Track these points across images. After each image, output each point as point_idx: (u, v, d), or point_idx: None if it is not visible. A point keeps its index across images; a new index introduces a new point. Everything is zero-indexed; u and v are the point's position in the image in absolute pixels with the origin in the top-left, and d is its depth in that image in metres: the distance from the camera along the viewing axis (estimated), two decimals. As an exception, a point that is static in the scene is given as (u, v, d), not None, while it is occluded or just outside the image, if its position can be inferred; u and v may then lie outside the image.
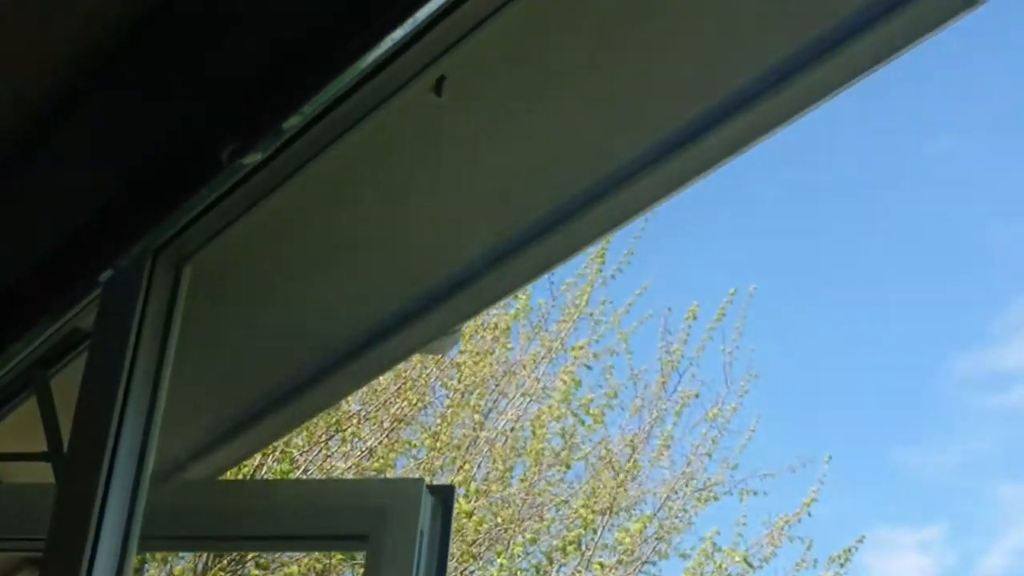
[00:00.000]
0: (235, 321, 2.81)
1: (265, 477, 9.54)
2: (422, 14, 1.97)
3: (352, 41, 1.94)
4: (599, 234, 2.55)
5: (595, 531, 11.16)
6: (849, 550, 11.72)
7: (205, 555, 9.25)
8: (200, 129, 2.13)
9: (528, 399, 11.46)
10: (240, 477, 8.45)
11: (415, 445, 10.90)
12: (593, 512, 11.18)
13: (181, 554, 8.89)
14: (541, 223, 2.48)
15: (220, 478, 3.37)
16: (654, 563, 11.43)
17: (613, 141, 2.37)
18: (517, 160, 2.45)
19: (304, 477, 9.81)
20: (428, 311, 2.69)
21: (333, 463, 10.23)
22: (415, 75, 2.14)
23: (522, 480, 11.22)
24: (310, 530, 2.76)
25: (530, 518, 11.19)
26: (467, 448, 11.07)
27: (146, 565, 9.05)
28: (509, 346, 11.45)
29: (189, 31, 2.18)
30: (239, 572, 9.82)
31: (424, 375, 10.47)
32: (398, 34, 1.99)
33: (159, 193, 2.21)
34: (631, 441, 11.73)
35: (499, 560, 10.72)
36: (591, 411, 11.55)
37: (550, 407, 11.36)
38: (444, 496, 2.69)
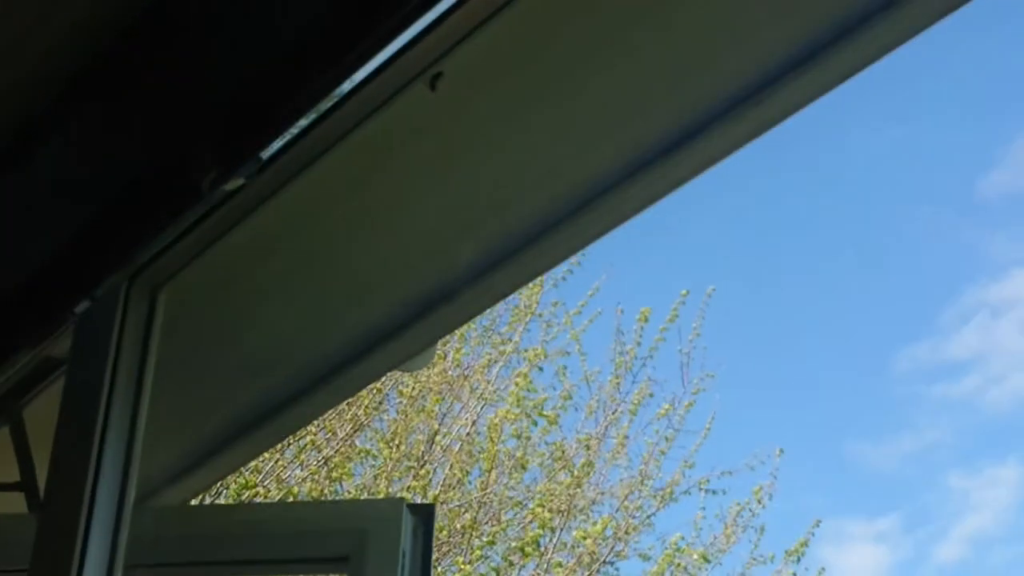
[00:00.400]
0: (211, 344, 2.79)
1: (225, 494, 9.49)
2: (399, 41, 1.96)
3: (331, 69, 1.92)
4: (577, 247, 2.54)
5: (553, 531, 11.17)
6: (805, 542, 11.80)
7: None
8: (178, 155, 2.10)
9: (482, 402, 11.45)
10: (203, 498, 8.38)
11: (373, 454, 10.87)
12: (551, 513, 11.18)
13: None
14: (518, 237, 2.48)
15: (196, 501, 3.33)
16: (613, 563, 11.46)
17: (589, 155, 2.37)
18: (492, 176, 2.45)
19: (263, 489, 9.76)
20: (405, 329, 2.68)
21: (291, 472, 10.19)
22: (388, 99, 2.14)
23: (479, 484, 11.22)
24: (292, 553, 2.73)
25: (488, 521, 11.19)
26: (423, 454, 11.06)
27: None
28: (462, 350, 11.44)
29: (165, 56, 2.16)
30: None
31: (378, 383, 10.43)
32: (375, 63, 1.99)
33: (137, 221, 2.19)
34: (586, 442, 11.74)
35: (459, 564, 10.71)
36: (544, 413, 11.57)
37: (504, 410, 11.36)
38: (424, 515, 2.68)
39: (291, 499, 9.67)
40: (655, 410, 11.89)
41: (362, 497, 10.21)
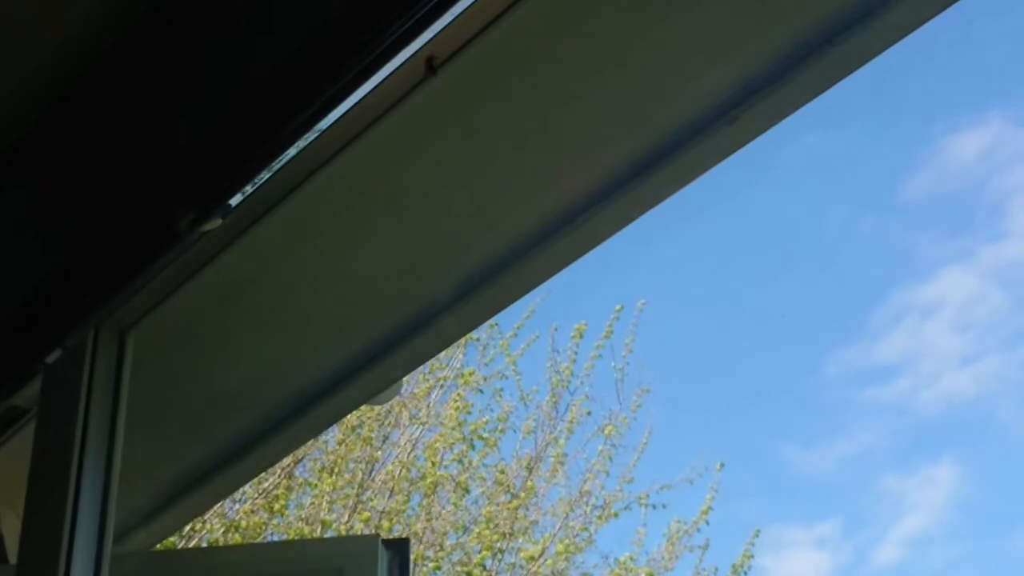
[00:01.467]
0: (179, 384, 2.76)
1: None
2: (368, 85, 1.97)
3: (309, 107, 1.92)
4: (546, 276, 2.54)
5: (499, 552, 11.15)
6: (749, 555, 11.85)
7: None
8: (153, 198, 2.08)
9: (421, 427, 11.42)
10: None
11: (313, 484, 10.80)
12: (495, 535, 11.17)
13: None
14: (486, 270, 2.47)
15: (166, 545, 3.29)
16: (558, 583, 11.45)
17: (559, 183, 2.37)
18: (460, 210, 2.44)
19: (209, 526, 9.67)
20: (373, 364, 2.67)
21: (232, 507, 10.11)
22: (354, 138, 2.15)
23: (421, 508, 11.19)
24: (272, 594, 2.72)
25: (432, 546, 11.15)
26: (362, 481, 11.00)
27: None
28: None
29: (138, 97, 2.14)
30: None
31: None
32: (347, 103, 2.00)
33: (113, 266, 2.16)
34: (527, 463, 11.74)
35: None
36: (483, 435, 11.55)
37: (442, 434, 11.33)
38: (399, 549, 2.68)
39: (236, 535, 9.60)
40: (593, 428, 11.91)
41: (307, 530, 10.13)
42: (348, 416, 10.87)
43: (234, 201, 2.07)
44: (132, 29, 2.06)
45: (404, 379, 3.46)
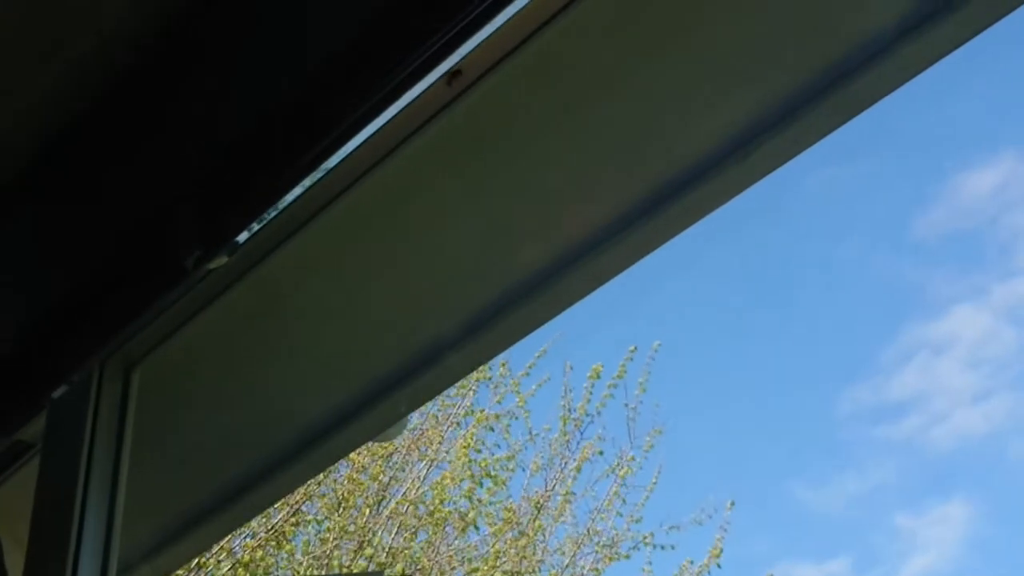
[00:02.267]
0: (185, 420, 2.75)
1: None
2: (378, 122, 1.97)
3: (321, 140, 1.91)
4: (554, 313, 2.52)
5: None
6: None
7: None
8: (160, 234, 2.08)
9: (429, 464, 11.41)
10: None
11: (318, 521, 10.78)
12: (502, 573, 11.13)
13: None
14: (493, 308, 2.46)
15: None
16: (566, 621, 11.41)
17: (568, 219, 2.36)
18: (476, 242, 2.43)
19: (214, 560, 9.65)
20: (380, 401, 2.65)
21: (242, 542, 10.09)
22: (363, 174, 2.14)
23: (427, 544, 11.16)
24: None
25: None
26: (369, 517, 10.98)
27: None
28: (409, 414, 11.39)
29: (144, 129, 2.14)
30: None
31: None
32: (351, 144, 2.00)
33: (119, 301, 2.15)
34: (535, 501, 11.71)
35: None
36: (491, 474, 11.52)
37: (451, 472, 11.31)
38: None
39: (242, 571, 9.57)
40: (604, 467, 11.87)
41: (311, 566, 10.09)
42: (357, 453, 10.87)
43: (241, 238, 2.06)
44: (139, 63, 2.05)
45: (412, 416, 3.45)
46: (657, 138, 2.22)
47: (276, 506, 10.29)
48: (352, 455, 10.86)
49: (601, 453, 11.86)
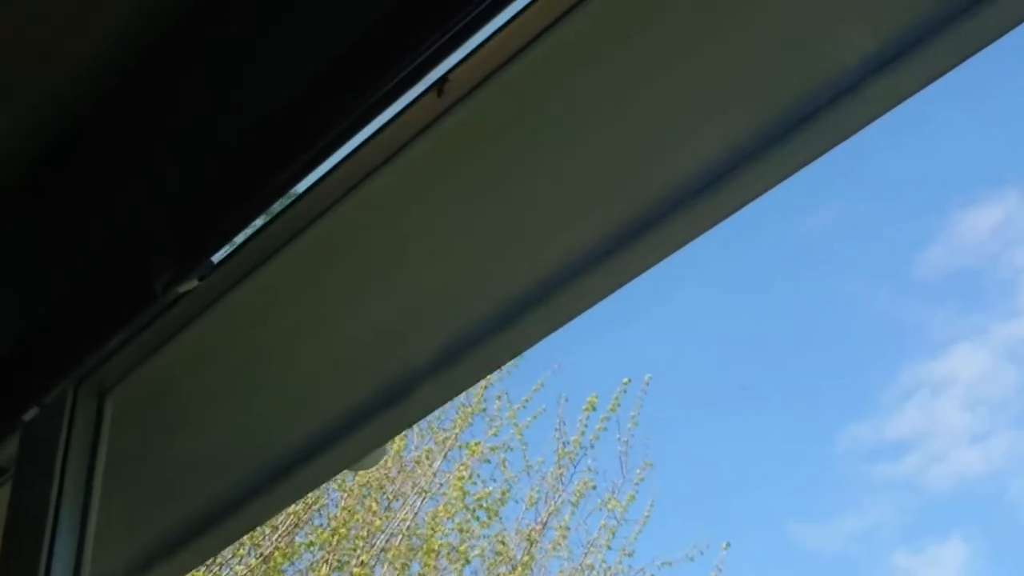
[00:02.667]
0: (160, 445, 2.74)
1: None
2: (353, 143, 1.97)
3: (291, 165, 1.91)
4: (529, 344, 2.51)
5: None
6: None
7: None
8: (130, 257, 2.07)
9: (423, 496, 11.38)
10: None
11: (312, 550, 10.74)
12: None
13: None
14: (474, 333, 2.45)
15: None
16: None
17: (553, 242, 2.35)
18: (444, 273, 2.43)
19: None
20: (356, 428, 2.64)
21: (228, 570, 10.05)
22: (338, 200, 2.15)
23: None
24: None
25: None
26: (362, 548, 10.95)
27: None
28: (403, 445, 11.38)
29: (112, 155, 2.13)
30: None
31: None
32: (325, 167, 2.00)
33: (88, 325, 2.15)
34: (528, 534, 11.67)
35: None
36: (485, 506, 11.49)
37: (445, 504, 11.29)
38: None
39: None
40: (596, 501, 11.84)
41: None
42: (350, 484, 10.84)
43: (213, 263, 2.06)
44: (111, 91, 2.05)
45: (390, 445, 3.43)
46: (636, 166, 2.22)
47: (268, 534, 10.27)
48: (346, 485, 10.85)
49: (594, 487, 11.84)
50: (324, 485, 10.66)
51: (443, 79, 2.02)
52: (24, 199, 2.25)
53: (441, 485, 11.36)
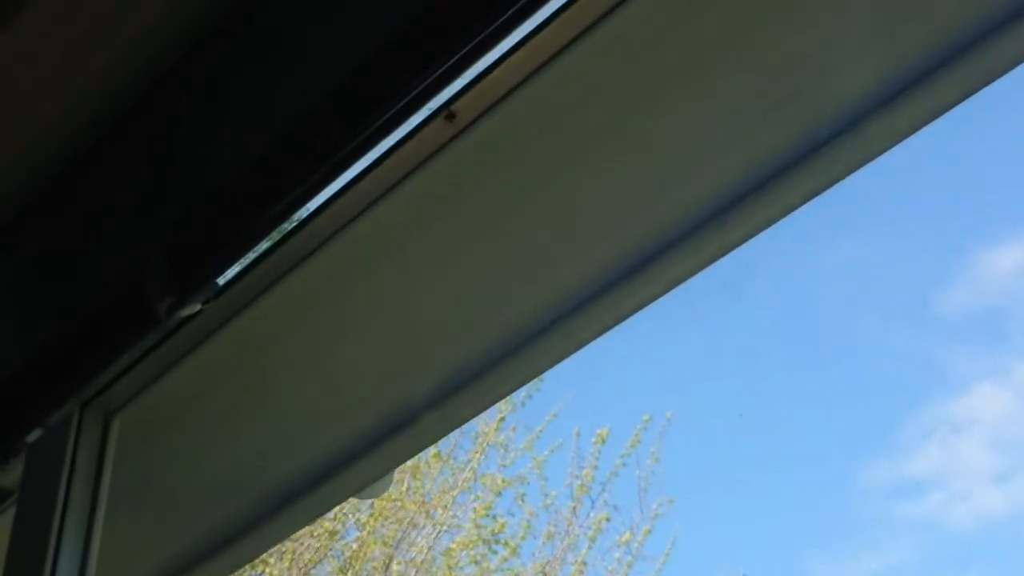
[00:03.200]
0: (166, 471, 2.75)
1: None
2: (358, 167, 1.98)
3: (290, 193, 1.93)
4: (536, 372, 2.51)
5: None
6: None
7: None
8: (133, 280, 2.09)
9: (439, 529, 11.35)
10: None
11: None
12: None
13: None
14: (481, 361, 2.46)
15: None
16: None
17: (547, 278, 2.36)
18: (455, 299, 2.44)
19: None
20: (362, 455, 2.64)
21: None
22: (344, 225, 2.16)
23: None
24: None
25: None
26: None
27: None
28: (419, 477, 11.36)
29: (117, 178, 2.15)
30: None
31: (337, 513, 10.33)
32: (335, 186, 2.01)
33: (92, 348, 2.17)
34: (543, 568, 11.63)
35: None
36: (502, 540, 11.47)
37: (462, 538, 11.26)
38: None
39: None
40: (614, 536, 11.81)
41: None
42: (367, 517, 10.83)
43: (216, 288, 2.07)
44: (113, 118, 2.07)
45: (395, 473, 3.43)
46: (634, 204, 2.22)
47: (285, 567, 10.27)
48: (362, 518, 10.84)
49: (608, 519, 11.80)
50: (342, 519, 10.66)
51: (451, 107, 2.04)
52: (28, 224, 2.28)
53: (456, 517, 11.34)
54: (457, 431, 11.35)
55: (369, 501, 10.45)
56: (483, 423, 11.54)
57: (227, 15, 2.10)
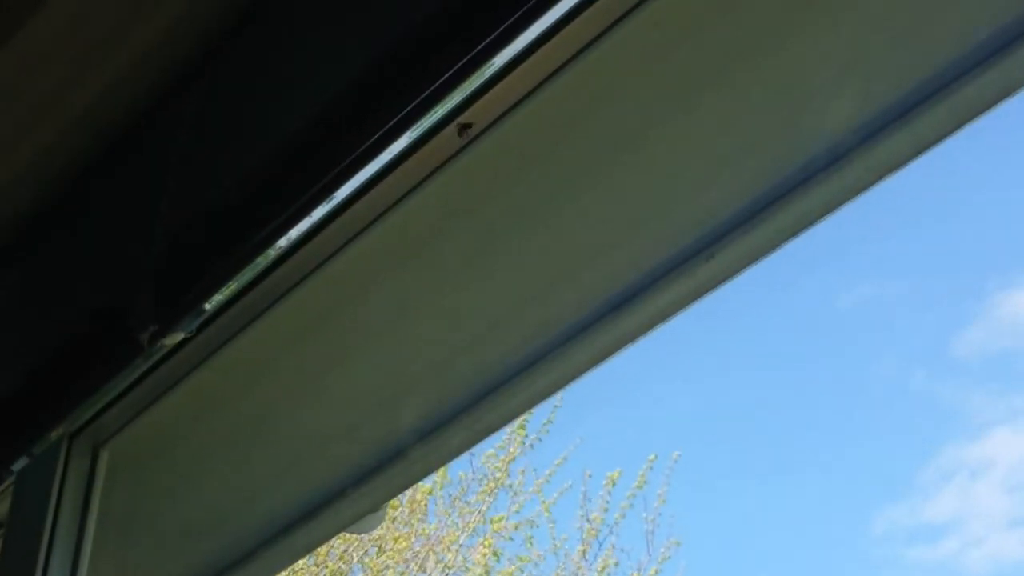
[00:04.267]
0: (155, 503, 2.73)
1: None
2: (342, 194, 1.98)
3: (273, 221, 1.92)
4: (528, 405, 2.50)
5: None
6: None
7: None
8: (117, 309, 2.09)
9: (448, 572, 11.30)
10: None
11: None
12: None
13: None
14: (473, 394, 2.44)
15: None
16: None
17: (537, 309, 2.35)
18: (448, 331, 2.43)
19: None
20: (353, 489, 2.63)
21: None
22: (332, 254, 2.15)
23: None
24: None
25: None
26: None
27: None
28: (428, 519, 11.33)
29: (104, 206, 2.15)
30: None
31: (344, 554, 10.30)
32: (318, 213, 2.00)
33: (76, 377, 2.16)
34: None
35: None
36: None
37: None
38: None
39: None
40: (623, 577, 11.75)
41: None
42: (374, 558, 10.79)
43: (202, 316, 2.07)
44: (101, 145, 2.07)
45: (387, 508, 3.40)
46: (620, 238, 2.22)
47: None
48: (369, 559, 10.80)
49: (616, 564, 11.75)
50: (350, 561, 10.61)
51: (464, 122, 2.03)
52: (14, 252, 2.27)
53: (464, 560, 11.29)
54: (469, 473, 11.34)
55: (374, 538, 10.42)
56: (493, 465, 11.51)
57: (215, 45, 2.10)
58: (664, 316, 2.23)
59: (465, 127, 2.01)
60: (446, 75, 1.82)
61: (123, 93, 2.05)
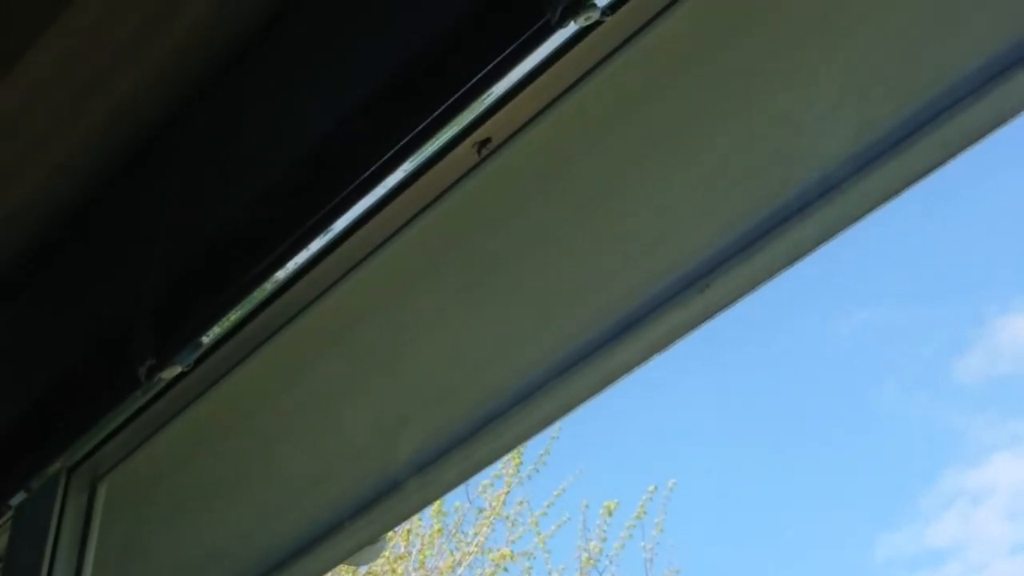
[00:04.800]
0: (153, 537, 2.73)
1: None
2: (339, 225, 1.98)
3: (270, 254, 1.93)
4: (526, 436, 2.50)
5: None
6: None
7: None
8: (114, 343, 2.09)
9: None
10: None
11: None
12: None
13: None
14: (470, 426, 2.44)
15: None
16: None
17: (541, 340, 2.35)
18: (446, 362, 2.43)
19: None
20: (354, 519, 2.63)
21: None
22: (337, 281, 2.15)
23: None
24: None
25: None
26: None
27: None
28: (425, 551, 11.29)
29: (101, 242, 2.16)
30: None
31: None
32: (315, 245, 2.00)
33: (73, 411, 2.16)
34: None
35: None
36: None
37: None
38: None
39: None
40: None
41: None
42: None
43: (200, 350, 2.07)
44: (99, 182, 2.08)
45: (386, 540, 3.39)
46: (614, 270, 2.22)
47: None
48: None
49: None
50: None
51: (482, 140, 2.03)
52: (14, 288, 2.28)
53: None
54: (465, 504, 11.30)
55: (371, 573, 10.39)
56: (490, 495, 11.49)
57: (213, 77, 2.11)
58: (660, 346, 2.23)
59: (484, 143, 2.01)
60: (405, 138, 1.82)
61: (121, 127, 2.06)
